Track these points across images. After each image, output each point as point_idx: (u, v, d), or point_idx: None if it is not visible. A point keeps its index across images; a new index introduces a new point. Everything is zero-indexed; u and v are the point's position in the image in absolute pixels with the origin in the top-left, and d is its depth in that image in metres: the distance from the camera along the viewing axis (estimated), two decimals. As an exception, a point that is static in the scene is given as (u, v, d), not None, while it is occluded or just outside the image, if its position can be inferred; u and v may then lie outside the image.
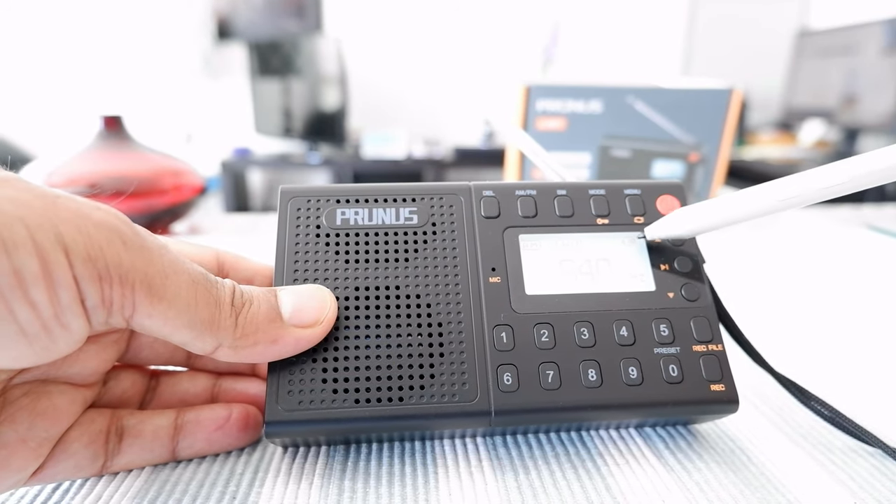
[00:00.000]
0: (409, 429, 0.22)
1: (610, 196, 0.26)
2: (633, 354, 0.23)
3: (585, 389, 0.22)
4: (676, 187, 0.27)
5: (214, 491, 0.21)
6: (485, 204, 0.25)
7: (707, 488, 0.21)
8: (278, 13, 2.49)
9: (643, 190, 0.26)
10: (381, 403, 0.21)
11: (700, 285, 0.25)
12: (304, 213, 0.24)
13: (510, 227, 0.25)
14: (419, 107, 2.59)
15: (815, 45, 2.13)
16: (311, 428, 0.21)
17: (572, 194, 0.26)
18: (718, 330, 0.24)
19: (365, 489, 0.21)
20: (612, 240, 0.25)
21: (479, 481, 0.21)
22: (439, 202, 0.25)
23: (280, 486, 0.21)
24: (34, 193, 0.16)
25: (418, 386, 0.21)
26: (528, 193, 0.26)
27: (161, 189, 0.54)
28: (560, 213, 0.25)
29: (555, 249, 0.25)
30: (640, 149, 0.55)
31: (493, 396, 0.21)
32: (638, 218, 0.26)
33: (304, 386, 0.21)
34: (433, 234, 0.24)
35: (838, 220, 0.67)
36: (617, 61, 2.57)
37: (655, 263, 0.25)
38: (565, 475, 0.22)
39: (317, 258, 0.23)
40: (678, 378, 0.23)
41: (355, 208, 0.24)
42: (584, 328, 0.23)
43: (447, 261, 0.24)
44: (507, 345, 0.22)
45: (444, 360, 0.22)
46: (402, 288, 0.23)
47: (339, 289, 0.23)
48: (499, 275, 0.24)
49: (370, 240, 0.24)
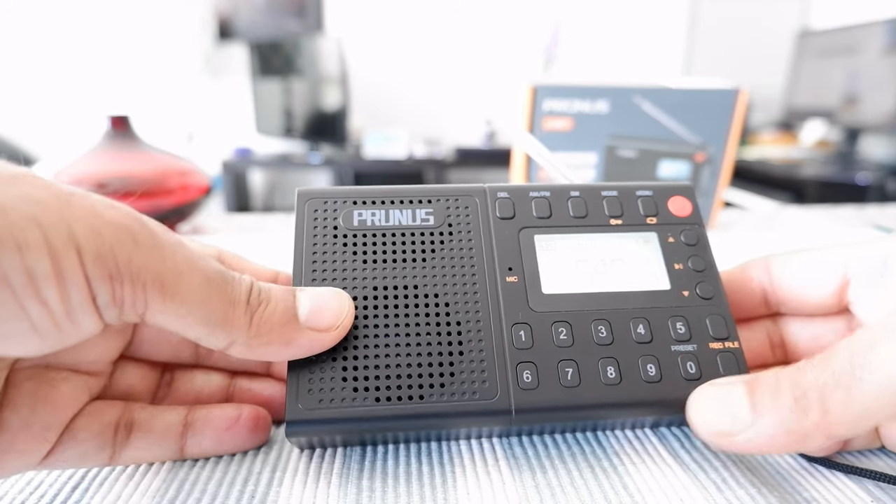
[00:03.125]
0: (430, 428, 0.22)
1: (622, 197, 0.26)
2: (650, 352, 0.23)
3: (605, 387, 0.22)
4: (687, 189, 0.27)
5: (233, 490, 0.21)
6: (500, 205, 0.25)
7: (724, 487, 0.21)
8: (279, 13, 2.49)
9: (655, 191, 0.27)
10: (401, 402, 0.21)
11: (714, 283, 0.25)
12: (321, 215, 0.24)
13: (525, 227, 0.25)
14: (420, 107, 2.59)
15: (817, 46, 2.13)
16: (331, 427, 0.21)
17: (585, 196, 0.26)
18: (734, 327, 0.24)
19: (383, 488, 0.21)
20: (626, 240, 0.26)
21: (496, 480, 0.21)
22: (455, 203, 0.25)
23: (298, 485, 0.21)
24: (49, 191, 0.16)
25: (438, 384, 0.22)
26: (543, 195, 0.26)
27: (168, 189, 0.54)
28: (574, 214, 0.26)
29: (570, 249, 0.25)
30: (646, 149, 0.55)
31: (513, 394, 0.22)
32: (651, 218, 0.26)
33: (325, 385, 0.21)
34: (449, 234, 0.25)
35: (841, 219, 0.68)
36: (618, 61, 2.57)
37: (669, 262, 0.25)
38: (582, 474, 0.22)
39: (335, 258, 0.23)
40: (696, 375, 0.23)
41: (372, 209, 0.25)
42: (601, 326, 0.23)
43: (464, 261, 0.24)
44: (526, 343, 0.23)
45: (464, 358, 0.22)
46: (419, 287, 0.23)
47: (358, 288, 0.23)
48: (515, 274, 0.24)
49: (387, 240, 0.24)
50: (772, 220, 0.65)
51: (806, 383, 0.19)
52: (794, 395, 0.19)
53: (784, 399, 0.19)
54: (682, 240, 0.26)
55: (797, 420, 0.19)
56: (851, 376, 0.18)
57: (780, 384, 0.20)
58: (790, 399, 0.19)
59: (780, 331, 0.27)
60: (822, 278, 0.24)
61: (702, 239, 0.26)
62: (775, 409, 0.19)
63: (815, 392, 0.19)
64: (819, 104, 2.11)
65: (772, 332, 0.27)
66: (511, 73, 2.51)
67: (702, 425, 0.21)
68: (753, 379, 0.21)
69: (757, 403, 0.20)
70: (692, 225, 0.26)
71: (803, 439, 0.19)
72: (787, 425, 0.19)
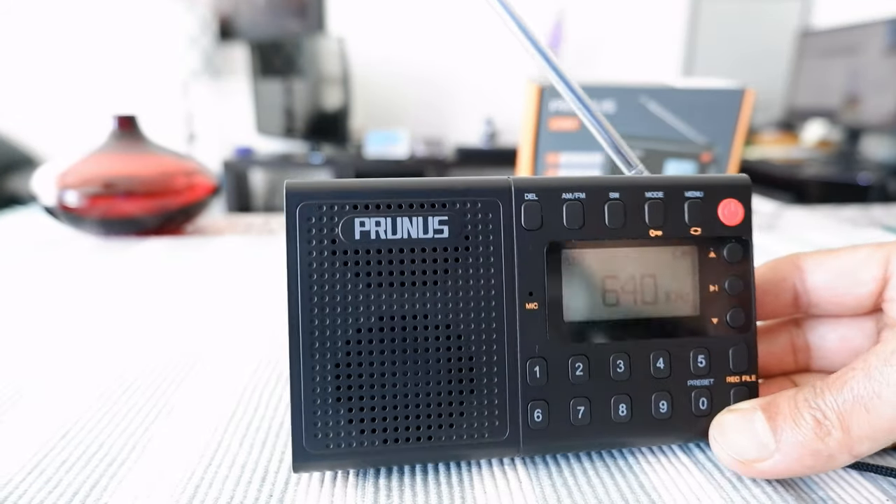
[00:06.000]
0: (436, 461, 0.22)
1: (668, 200, 0.23)
2: (666, 387, 0.22)
3: (614, 424, 0.22)
4: (744, 189, 0.23)
5: (251, 489, 0.21)
6: (526, 211, 0.22)
7: (740, 486, 0.21)
8: (280, 13, 2.49)
9: (706, 193, 0.23)
10: (409, 443, 0.21)
11: (747, 310, 0.23)
12: (316, 225, 0.21)
13: (553, 241, 0.22)
14: (421, 107, 2.59)
15: (818, 45, 2.13)
16: (338, 463, 0.21)
17: (626, 198, 0.22)
18: (756, 359, 0.23)
19: (400, 488, 0.21)
20: (663, 253, 0.23)
21: (513, 480, 0.21)
22: (474, 209, 0.22)
23: (315, 484, 0.21)
24: None
25: (447, 424, 0.21)
26: (577, 197, 0.22)
27: (174, 189, 0.54)
28: (610, 224, 0.22)
29: (599, 265, 0.22)
30: (652, 149, 0.55)
31: (522, 433, 0.21)
32: (695, 229, 0.23)
33: (330, 428, 0.21)
34: (465, 249, 0.21)
35: (845, 220, 0.68)
36: (619, 61, 2.58)
37: (705, 283, 0.23)
38: (599, 474, 0.22)
39: (334, 282, 0.21)
40: (707, 411, 0.22)
41: (376, 217, 0.21)
42: (620, 360, 0.22)
43: (481, 283, 0.21)
44: (541, 380, 0.22)
45: (475, 396, 0.21)
46: (430, 317, 0.21)
47: (362, 319, 0.21)
48: (536, 300, 0.22)
49: (395, 258, 0.21)
50: (776, 220, 0.65)
51: (825, 404, 0.19)
52: (814, 417, 0.19)
53: (805, 421, 0.19)
54: (725, 256, 0.23)
55: (821, 441, 0.19)
56: (870, 394, 0.19)
57: (799, 407, 0.20)
58: (811, 420, 0.19)
59: (805, 334, 0.26)
60: (861, 279, 0.23)
61: (746, 256, 0.23)
62: (797, 432, 0.19)
63: (835, 412, 0.19)
64: (820, 104, 2.11)
65: (795, 336, 0.26)
66: (512, 73, 2.51)
67: (725, 454, 0.21)
68: (770, 403, 0.21)
69: (778, 428, 0.20)
70: (739, 238, 0.23)
71: (829, 460, 0.19)
72: (812, 447, 0.19)
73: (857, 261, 0.23)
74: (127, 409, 0.26)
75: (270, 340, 0.34)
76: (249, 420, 0.25)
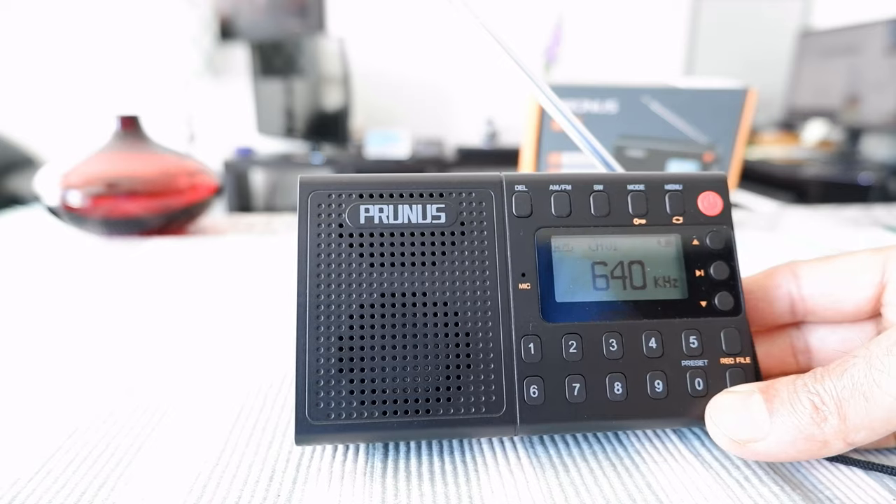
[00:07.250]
0: (434, 437, 0.22)
1: (649, 192, 0.25)
2: (660, 367, 0.23)
3: (610, 402, 0.22)
4: (720, 182, 0.25)
5: (259, 488, 0.21)
6: (517, 201, 0.24)
7: (747, 485, 0.21)
8: (281, 13, 2.49)
9: (685, 186, 0.25)
10: (407, 415, 0.21)
11: (735, 294, 0.24)
12: (325, 210, 0.23)
13: (542, 227, 0.24)
14: (422, 106, 2.60)
15: (818, 45, 2.13)
16: (338, 436, 0.21)
17: (609, 190, 0.24)
18: (749, 342, 0.23)
19: (408, 487, 0.21)
20: (648, 241, 0.24)
21: (520, 479, 0.22)
22: (468, 198, 0.24)
23: (323, 483, 0.21)
24: None
25: (445, 398, 0.22)
26: (563, 189, 0.24)
27: (177, 189, 0.54)
28: (595, 213, 0.24)
29: (588, 251, 0.24)
30: (654, 149, 0.55)
31: (518, 408, 0.22)
32: (677, 218, 0.24)
33: (332, 398, 0.21)
34: (461, 234, 0.23)
35: (847, 220, 0.68)
36: (619, 61, 2.58)
37: (691, 268, 0.24)
38: (605, 473, 0.22)
39: (340, 261, 0.22)
40: (703, 392, 0.23)
41: (380, 204, 0.23)
42: (612, 339, 0.23)
43: (476, 265, 0.23)
44: (535, 356, 0.22)
45: (472, 371, 0.22)
46: (429, 294, 0.22)
47: (365, 295, 0.22)
48: (529, 281, 0.23)
49: (395, 240, 0.23)
50: (777, 220, 0.65)
51: (823, 390, 0.19)
52: (812, 401, 0.19)
53: (802, 405, 0.19)
54: (708, 243, 0.24)
55: (816, 426, 0.19)
56: (870, 383, 0.18)
57: (798, 391, 0.20)
58: (808, 405, 0.19)
59: (805, 336, 0.26)
60: (859, 284, 0.23)
61: (728, 243, 0.24)
62: (794, 416, 0.19)
63: (833, 399, 0.19)
64: (821, 104, 2.11)
65: (795, 338, 0.26)
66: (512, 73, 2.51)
67: (720, 433, 0.21)
68: (769, 386, 0.21)
69: (775, 410, 0.20)
70: (720, 226, 0.25)
71: (823, 446, 0.19)
72: (807, 431, 0.19)
73: (854, 266, 0.23)
74: (133, 408, 0.26)
75: (276, 340, 0.34)
76: (256, 420, 0.25)
